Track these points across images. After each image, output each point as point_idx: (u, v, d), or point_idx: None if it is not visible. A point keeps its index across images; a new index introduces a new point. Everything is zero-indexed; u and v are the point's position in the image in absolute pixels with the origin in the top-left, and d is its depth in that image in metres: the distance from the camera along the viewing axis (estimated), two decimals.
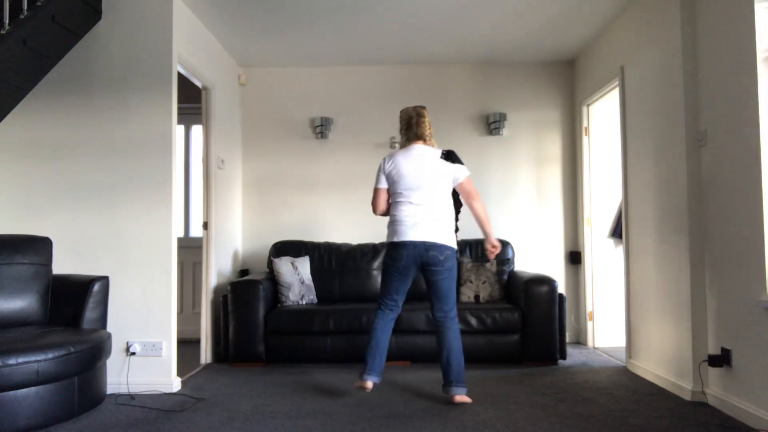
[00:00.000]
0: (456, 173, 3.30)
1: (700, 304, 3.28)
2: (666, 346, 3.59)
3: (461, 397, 3.18)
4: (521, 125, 5.29)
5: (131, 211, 3.66)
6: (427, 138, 3.38)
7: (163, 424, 2.94)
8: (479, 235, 5.11)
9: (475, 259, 4.84)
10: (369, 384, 3.23)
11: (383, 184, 3.38)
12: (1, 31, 3.11)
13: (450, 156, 3.31)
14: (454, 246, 3.27)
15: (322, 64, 5.32)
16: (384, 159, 3.40)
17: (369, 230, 5.14)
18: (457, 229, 3.38)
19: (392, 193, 3.36)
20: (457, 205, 3.44)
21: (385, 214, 3.45)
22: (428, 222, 3.22)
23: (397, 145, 5.27)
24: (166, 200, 3.65)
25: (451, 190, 3.34)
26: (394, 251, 3.25)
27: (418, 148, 3.34)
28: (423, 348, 4.23)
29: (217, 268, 4.63)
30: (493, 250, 3.38)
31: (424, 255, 3.19)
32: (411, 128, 3.37)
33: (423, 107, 3.43)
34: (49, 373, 2.85)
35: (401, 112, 3.46)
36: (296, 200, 5.29)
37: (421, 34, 4.60)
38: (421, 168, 3.26)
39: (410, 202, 3.25)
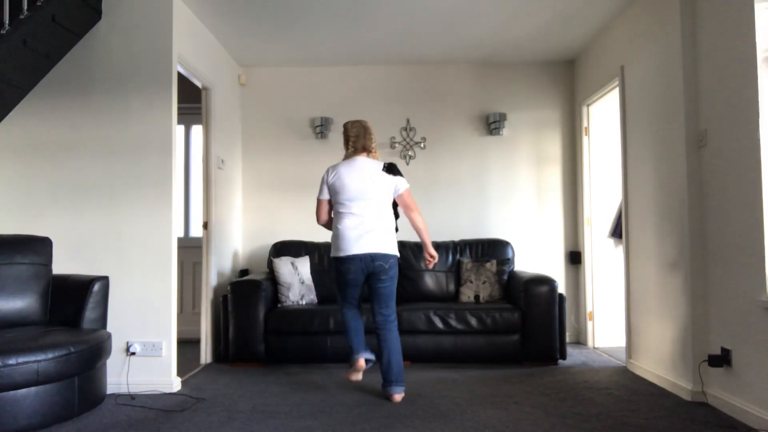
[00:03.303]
0: (397, 185, 3.41)
1: (700, 304, 3.28)
2: (666, 346, 3.59)
3: (399, 396, 3.32)
4: (521, 125, 5.29)
5: (131, 211, 3.66)
6: (371, 150, 3.48)
7: (163, 424, 2.94)
8: (478, 236, 5.20)
9: (474, 259, 4.84)
10: (362, 361, 3.34)
11: (325, 195, 3.47)
12: (1, 31, 3.11)
13: (391, 169, 3.42)
14: (397, 253, 3.41)
15: (322, 64, 5.32)
16: (327, 170, 3.48)
17: None
18: (396, 229, 3.48)
19: (334, 204, 3.44)
20: (396, 213, 3.54)
21: (327, 225, 3.54)
22: (371, 233, 3.31)
23: (397, 144, 5.28)
24: (166, 200, 3.65)
25: (391, 201, 3.44)
26: (342, 266, 3.35)
27: (360, 159, 3.43)
28: (423, 348, 4.25)
29: (217, 268, 4.63)
30: (431, 260, 3.53)
31: (370, 265, 3.32)
32: (358, 140, 3.46)
33: (367, 122, 3.54)
34: (49, 373, 2.85)
35: (346, 124, 3.54)
36: (296, 200, 5.29)
37: (421, 34, 4.60)
38: (363, 179, 3.35)
39: (352, 213, 3.34)
